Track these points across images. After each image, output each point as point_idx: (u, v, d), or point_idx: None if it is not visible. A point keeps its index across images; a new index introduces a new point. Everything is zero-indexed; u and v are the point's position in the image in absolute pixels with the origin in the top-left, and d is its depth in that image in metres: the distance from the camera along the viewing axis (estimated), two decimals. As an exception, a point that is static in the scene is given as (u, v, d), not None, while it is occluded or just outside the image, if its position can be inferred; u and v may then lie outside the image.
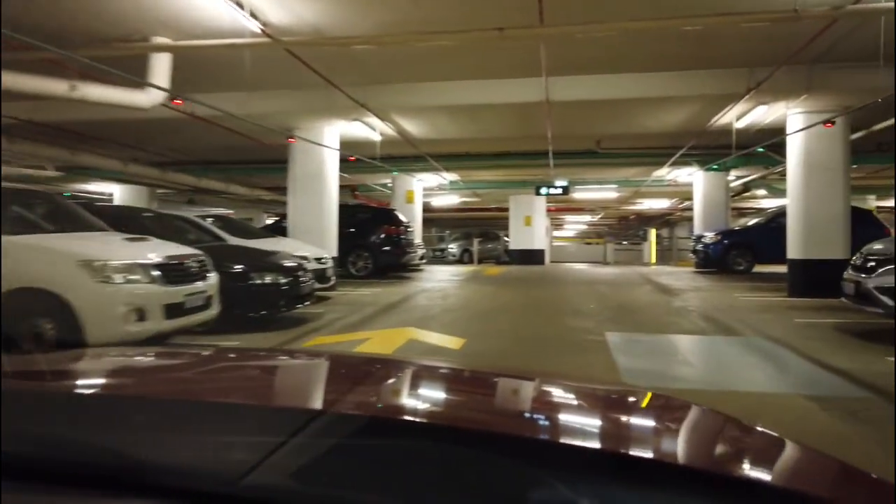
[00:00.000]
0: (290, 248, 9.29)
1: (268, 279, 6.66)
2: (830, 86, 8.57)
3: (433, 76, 9.20)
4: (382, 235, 13.94)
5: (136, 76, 6.85)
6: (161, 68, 7.24)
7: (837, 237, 9.57)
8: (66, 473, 0.69)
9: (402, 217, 14.95)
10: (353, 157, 10.65)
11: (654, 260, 22.87)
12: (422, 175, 17.88)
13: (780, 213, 15.60)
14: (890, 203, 20.44)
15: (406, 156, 15.25)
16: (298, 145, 10.77)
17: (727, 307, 8.76)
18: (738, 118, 10.20)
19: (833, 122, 7.17)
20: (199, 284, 5.46)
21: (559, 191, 17.75)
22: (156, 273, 4.97)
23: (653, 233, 23.31)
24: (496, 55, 8.11)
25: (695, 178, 16.58)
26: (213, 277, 5.76)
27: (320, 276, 9.37)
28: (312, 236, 10.64)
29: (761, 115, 9.86)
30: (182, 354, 1.66)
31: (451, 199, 25.23)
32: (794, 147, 9.87)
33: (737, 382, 4.74)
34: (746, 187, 20.14)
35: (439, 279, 14.14)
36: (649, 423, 1.10)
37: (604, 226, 38.91)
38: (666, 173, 17.17)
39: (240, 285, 6.42)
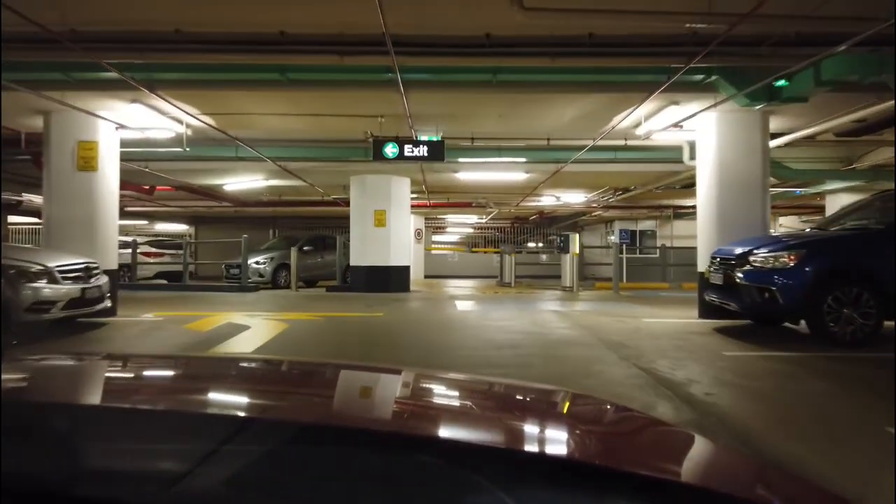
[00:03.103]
0: None
1: None
2: None
3: None
4: None
5: None
6: None
7: None
8: None
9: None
10: None
11: (576, 281, 14.34)
12: (115, 105, 7.88)
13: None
14: None
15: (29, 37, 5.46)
16: None
17: None
18: None
19: None
20: None
21: (423, 151, 8.39)
22: None
23: (576, 240, 14.67)
24: None
25: (703, 123, 7.89)
26: None
27: None
28: None
29: None
30: (105, 360, 1.53)
31: (257, 184, 15.25)
32: None
33: None
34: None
35: None
36: (585, 426, 1.05)
37: (493, 229, 30.37)
38: (647, 113, 8.28)
39: None
